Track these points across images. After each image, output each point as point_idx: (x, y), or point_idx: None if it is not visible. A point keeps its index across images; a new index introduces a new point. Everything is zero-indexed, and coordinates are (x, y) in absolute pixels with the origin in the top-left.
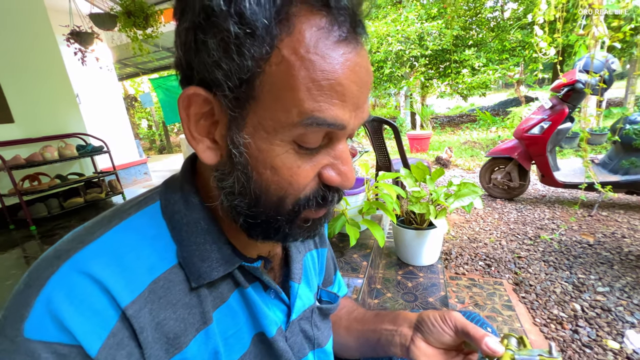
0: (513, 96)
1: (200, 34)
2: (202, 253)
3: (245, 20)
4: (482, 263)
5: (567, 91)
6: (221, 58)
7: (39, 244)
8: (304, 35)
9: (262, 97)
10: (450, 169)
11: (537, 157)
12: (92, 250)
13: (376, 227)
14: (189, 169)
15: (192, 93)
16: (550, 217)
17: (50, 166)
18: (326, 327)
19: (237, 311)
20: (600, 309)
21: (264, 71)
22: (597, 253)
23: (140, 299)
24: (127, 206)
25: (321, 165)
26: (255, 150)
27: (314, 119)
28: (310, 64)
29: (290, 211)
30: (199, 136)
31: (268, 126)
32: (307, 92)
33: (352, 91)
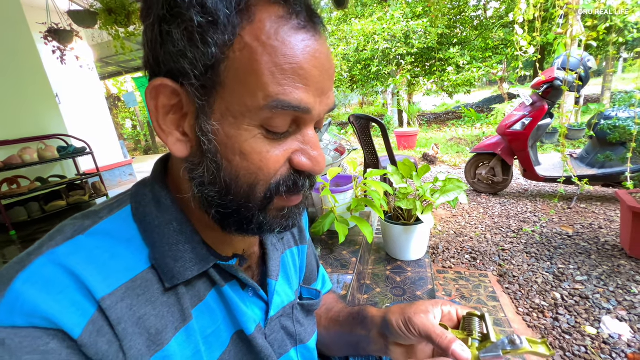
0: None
1: (165, 25)
2: (175, 253)
3: (208, 9)
4: (468, 256)
5: (547, 88)
6: (186, 47)
7: (20, 249)
8: (264, 23)
9: (228, 83)
10: (437, 165)
11: (519, 152)
12: (66, 248)
13: (364, 224)
14: (160, 170)
15: (159, 84)
16: (533, 210)
17: (30, 169)
18: (310, 323)
19: (214, 309)
20: (579, 296)
21: (228, 57)
22: (576, 244)
23: (118, 292)
24: (98, 209)
25: (291, 151)
26: (224, 137)
27: (279, 102)
28: (272, 49)
29: (262, 198)
30: (168, 129)
31: (235, 111)
32: (271, 75)
33: (314, 76)
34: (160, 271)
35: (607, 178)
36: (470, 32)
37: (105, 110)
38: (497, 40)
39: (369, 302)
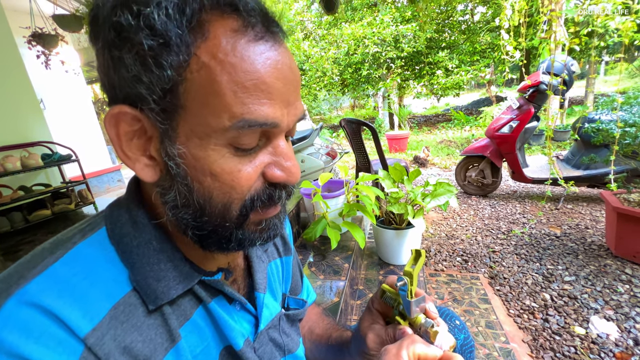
0: (485, 96)
1: (115, 50)
2: (157, 273)
3: (157, 31)
4: (459, 259)
5: (533, 92)
6: (140, 72)
7: (1, 261)
8: (219, 39)
9: (189, 105)
10: (428, 167)
11: (508, 154)
12: (38, 284)
13: (356, 229)
14: (134, 190)
15: (117, 112)
16: (521, 212)
17: (13, 177)
18: (295, 333)
19: (202, 327)
20: (568, 297)
21: (186, 78)
22: (564, 244)
23: (101, 326)
24: (69, 235)
25: (263, 165)
26: (192, 159)
27: (245, 122)
28: (231, 66)
29: (237, 216)
30: (133, 155)
31: (200, 132)
32: (233, 95)
33: (277, 88)
34: (142, 293)
35: (592, 179)
36: (458, 36)
37: (93, 115)
38: (485, 44)
39: (361, 308)
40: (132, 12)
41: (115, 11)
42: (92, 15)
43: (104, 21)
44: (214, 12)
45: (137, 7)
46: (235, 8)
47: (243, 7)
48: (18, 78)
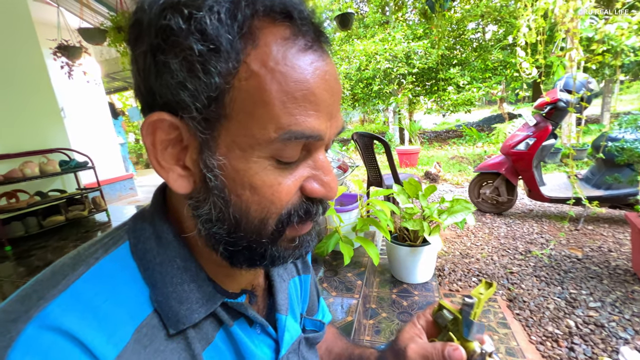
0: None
1: (161, 55)
2: (179, 294)
3: (208, 36)
4: (475, 279)
5: (550, 109)
6: (186, 78)
7: (14, 265)
8: (270, 47)
9: (233, 115)
10: (440, 183)
11: (524, 172)
12: (61, 304)
13: (370, 245)
14: (159, 202)
15: (156, 119)
16: (539, 232)
17: (30, 183)
18: (314, 356)
19: (224, 351)
20: (594, 324)
21: (233, 87)
22: (586, 267)
23: (127, 351)
24: (91, 249)
25: (302, 178)
26: (232, 171)
27: (291, 133)
28: (282, 76)
29: (273, 231)
30: (167, 165)
31: (243, 143)
32: (281, 105)
33: (324, 100)
34: (163, 315)
35: (614, 200)
36: (469, 53)
37: (110, 124)
38: (496, 61)
39: (374, 328)
40: (182, 16)
41: (165, 14)
42: (135, 18)
43: (150, 24)
44: (265, 18)
45: (188, 11)
46: (288, 16)
47: (297, 16)
48: (42, 87)
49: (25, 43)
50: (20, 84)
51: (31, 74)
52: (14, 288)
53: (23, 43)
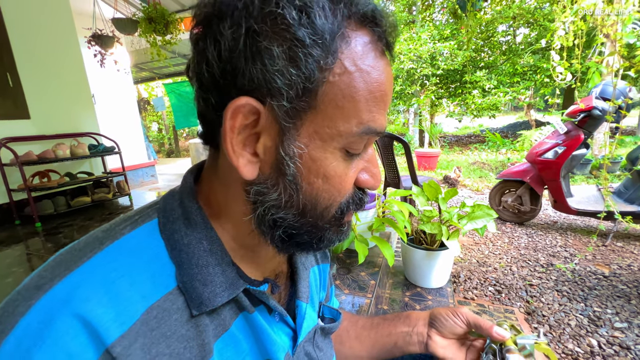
0: (522, 119)
1: (263, 41)
2: (204, 276)
3: (317, 30)
4: (492, 289)
5: (584, 117)
6: (287, 66)
7: (43, 241)
8: (357, 48)
9: (322, 107)
10: (459, 188)
11: (550, 182)
12: (77, 278)
13: (386, 245)
14: (191, 184)
15: (243, 103)
16: (563, 245)
17: (61, 164)
18: (328, 347)
19: (240, 339)
20: (619, 346)
21: (328, 81)
22: (613, 285)
23: (132, 331)
24: (121, 224)
25: (359, 170)
26: (309, 160)
27: (369, 129)
28: (367, 75)
29: (333, 217)
30: (239, 150)
31: (324, 134)
32: (365, 102)
33: (389, 100)
34: (187, 296)
35: None
36: (498, 56)
37: (136, 112)
38: (526, 66)
39: None
40: (295, 6)
41: (277, 2)
42: None
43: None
44: (357, 21)
45: (301, 3)
46: (375, 22)
47: (380, 23)
48: (77, 74)
49: (64, 32)
50: (57, 70)
51: (68, 61)
52: (42, 262)
53: (62, 32)
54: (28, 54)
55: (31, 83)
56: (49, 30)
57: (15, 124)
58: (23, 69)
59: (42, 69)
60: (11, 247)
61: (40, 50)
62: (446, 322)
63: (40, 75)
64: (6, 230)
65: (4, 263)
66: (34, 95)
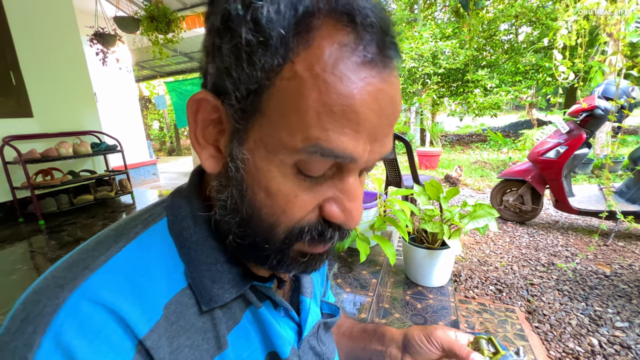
0: (524, 118)
1: (217, 38)
2: (213, 274)
3: (260, 27)
4: (492, 288)
5: (586, 116)
6: (232, 65)
7: (46, 238)
8: (323, 51)
9: (268, 112)
10: (460, 188)
11: (552, 181)
12: (102, 276)
13: (387, 244)
14: (196, 182)
15: (200, 98)
16: (564, 244)
17: (64, 162)
18: (330, 340)
19: (250, 331)
20: (620, 345)
21: (274, 85)
22: (614, 285)
23: (159, 326)
24: (132, 224)
25: (324, 197)
26: (253, 168)
27: (318, 148)
28: (324, 84)
29: (280, 240)
30: (204, 142)
31: (269, 144)
32: (315, 116)
33: (369, 120)
34: (197, 292)
35: None
36: (500, 55)
37: (138, 111)
38: (528, 64)
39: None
40: (243, 2)
41: None
42: None
43: (218, 6)
44: (326, 19)
45: None
46: (352, 19)
47: (361, 21)
48: (79, 73)
49: (66, 30)
50: (60, 69)
51: (70, 59)
52: (45, 260)
53: (64, 30)
54: (31, 52)
55: (34, 81)
56: (51, 28)
57: (18, 122)
58: (26, 68)
59: (45, 68)
60: (15, 245)
61: (43, 49)
62: (420, 349)
63: (43, 73)
64: (10, 227)
65: (8, 260)
66: (37, 93)
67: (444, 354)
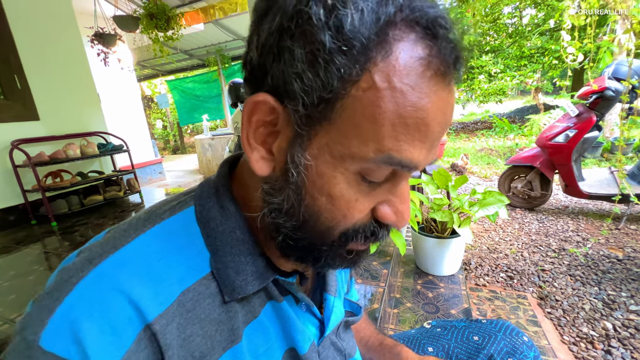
0: (529, 103)
1: (288, 39)
2: (237, 265)
3: (343, 35)
4: (503, 275)
5: (596, 98)
6: (305, 71)
7: (60, 239)
8: (400, 63)
9: (338, 121)
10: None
11: (561, 166)
12: (122, 256)
13: (397, 234)
14: (225, 173)
15: (261, 100)
16: (575, 229)
17: (72, 163)
18: (350, 337)
19: (268, 327)
20: (635, 328)
21: (349, 94)
22: (628, 269)
23: (169, 311)
24: (161, 209)
25: (378, 200)
26: (315, 174)
27: (390, 159)
28: (402, 96)
29: (335, 241)
30: (255, 144)
31: (336, 151)
32: (391, 128)
33: (434, 132)
34: (220, 282)
35: None
36: (504, 39)
37: (141, 110)
38: (533, 48)
39: (399, 317)
40: (325, 7)
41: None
42: None
43: (285, 3)
44: (406, 30)
45: (332, 3)
46: (432, 33)
47: (441, 35)
48: (83, 74)
49: (67, 32)
50: (63, 71)
51: (73, 61)
52: (60, 260)
53: (65, 32)
54: (34, 56)
55: (38, 85)
56: (52, 30)
57: (25, 125)
58: (30, 71)
59: (48, 70)
60: (30, 247)
61: (45, 52)
62: None
63: (46, 76)
64: (24, 230)
65: (25, 261)
66: (42, 96)
67: None
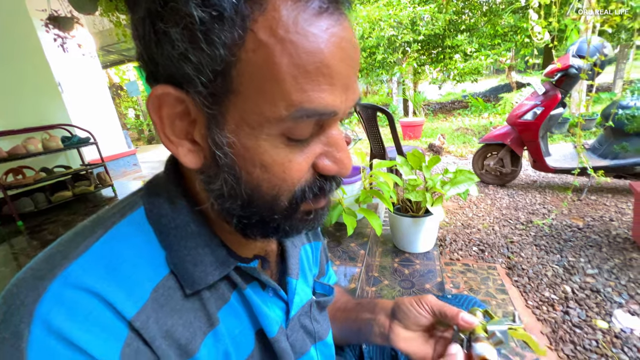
0: (504, 82)
1: (160, 23)
2: (194, 257)
3: (209, 1)
4: (475, 248)
5: (561, 76)
6: (188, 49)
7: (27, 239)
8: (279, 11)
9: (242, 90)
10: (443, 155)
11: (530, 142)
12: (82, 264)
13: (373, 216)
14: (172, 169)
15: (160, 93)
16: (541, 202)
17: (35, 159)
18: (324, 319)
19: (239, 310)
20: (590, 290)
21: (240, 59)
22: (587, 236)
23: (146, 308)
24: (108, 214)
25: (315, 155)
26: (241, 149)
27: (304, 111)
28: (292, 46)
29: (286, 207)
30: (176, 139)
31: (252, 121)
32: (293, 81)
33: (340, 71)
34: (179, 276)
35: (621, 169)
36: (478, 18)
37: (108, 99)
38: (506, 26)
39: (377, 295)
40: None
41: None
42: None
43: None
44: None
45: None
46: None
47: None
48: (37, 61)
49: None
50: (13, 59)
51: (24, 47)
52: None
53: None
54: None
55: None
56: None
57: None
58: None
59: None
60: None
61: None
62: (409, 313)
63: None
64: None
65: None
66: None
67: (434, 317)
